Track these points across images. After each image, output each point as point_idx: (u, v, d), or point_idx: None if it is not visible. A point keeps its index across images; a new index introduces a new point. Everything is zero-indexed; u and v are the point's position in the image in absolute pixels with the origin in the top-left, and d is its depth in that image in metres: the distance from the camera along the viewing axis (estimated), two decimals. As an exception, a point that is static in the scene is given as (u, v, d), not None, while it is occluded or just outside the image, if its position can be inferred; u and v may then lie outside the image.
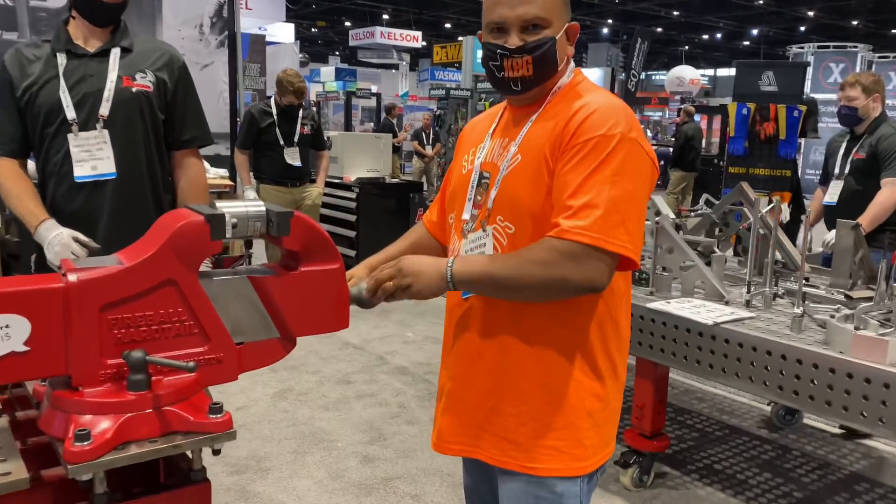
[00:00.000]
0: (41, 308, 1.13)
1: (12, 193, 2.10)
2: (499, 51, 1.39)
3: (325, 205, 6.61)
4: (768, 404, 3.64)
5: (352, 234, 6.03)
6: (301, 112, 5.03)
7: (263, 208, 1.31)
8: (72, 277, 1.15)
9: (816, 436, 3.46)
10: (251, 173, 5.01)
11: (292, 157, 4.99)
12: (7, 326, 1.10)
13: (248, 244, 1.41)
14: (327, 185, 5.41)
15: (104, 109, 2.09)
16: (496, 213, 1.42)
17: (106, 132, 2.10)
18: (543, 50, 1.36)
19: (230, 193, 4.77)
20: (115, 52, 2.13)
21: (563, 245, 1.28)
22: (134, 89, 2.14)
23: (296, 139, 4.99)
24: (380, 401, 3.80)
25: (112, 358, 1.18)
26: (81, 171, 2.09)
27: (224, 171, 5.01)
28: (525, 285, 1.31)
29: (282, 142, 4.94)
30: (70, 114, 2.07)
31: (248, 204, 1.30)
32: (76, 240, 1.99)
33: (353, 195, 6.05)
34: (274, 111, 4.96)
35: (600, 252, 1.27)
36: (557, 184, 1.33)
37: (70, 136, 2.08)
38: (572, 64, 1.47)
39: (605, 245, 1.27)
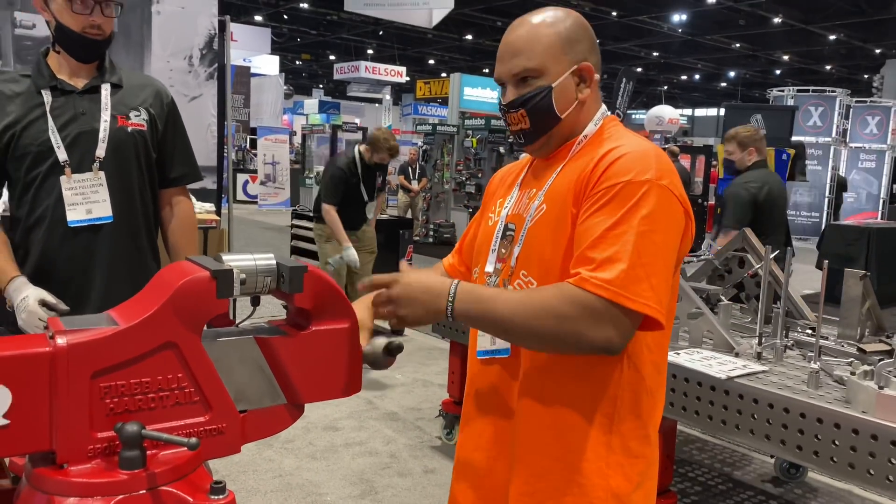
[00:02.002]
0: (25, 375, 1.00)
1: None
2: (500, 106, 1.36)
3: (311, 240, 6.47)
4: (771, 456, 3.54)
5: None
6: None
7: (274, 262, 1.20)
8: (61, 341, 1.02)
9: (823, 490, 3.37)
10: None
11: (371, 210, 5.02)
12: (-15, 397, 0.97)
13: (256, 301, 1.30)
14: (315, 220, 5.31)
15: (100, 150, 1.97)
16: (520, 269, 1.32)
17: (102, 174, 1.97)
18: (535, 102, 1.29)
19: (216, 228, 4.64)
20: (106, 89, 2.01)
21: (582, 297, 1.16)
22: (129, 129, 2.02)
23: (376, 194, 5.03)
24: (369, 450, 3.64)
25: (102, 431, 1.05)
26: (75, 216, 1.95)
27: (210, 206, 4.88)
28: (534, 335, 1.19)
29: (366, 198, 4.91)
30: (62, 155, 1.94)
31: (258, 257, 1.19)
32: (44, 303, 1.83)
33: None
34: (359, 167, 4.84)
35: (621, 309, 1.15)
36: (578, 231, 1.23)
37: (63, 179, 1.94)
38: (602, 109, 1.37)
39: (626, 302, 1.15)
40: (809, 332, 2.79)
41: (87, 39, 1.94)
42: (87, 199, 1.96)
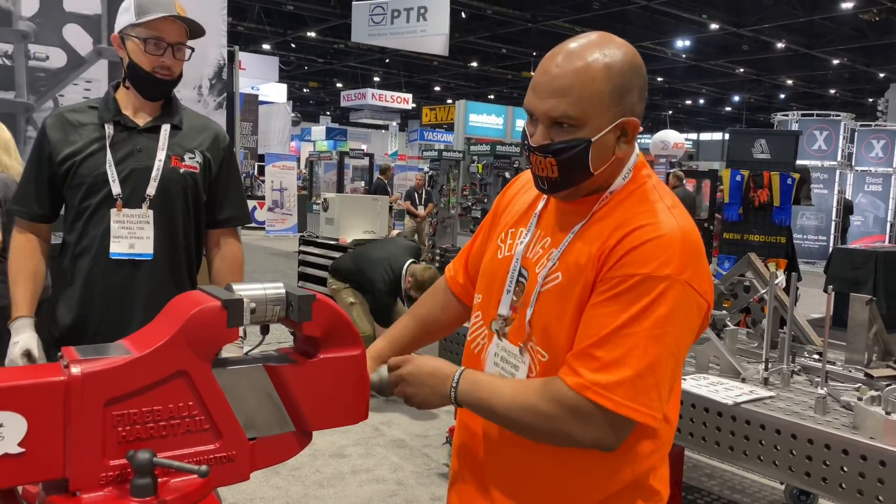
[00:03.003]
0: (40, 404, 1.02)
1: (11, 271, 2.03)
2: (525, 142, 1.21)
3: (318, 266, 6.51)
4: (781, 483, 3.51)
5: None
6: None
7: (283, 291, 1.22)
8: (75, 370, 1.04)
9: (833, 517, 3.33)
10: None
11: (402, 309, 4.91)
12: (1, 426, 0.99)
13: (265, 329, 1.33)
14: (323, 246, 5.35)
15: (151, 189, 2.02)
16: (532, 334, 1.24)
17: (151, 212, 2.02)
18: (570, 154, 1.15)
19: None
20: (166, 129, 2.06)
21: (574, 401, 1.11)
22: (181, 170, 2.06)
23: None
24: (376, 477, 3.63)
25: (115, 458, 1.07)
26: (118, 248, 2.00)
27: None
28: (526, 431, 1.20)
29: (403, 304, 4.93)
30: (115, 189, 1.99)
31: (267, 287, 1.21)
32: (28, 355, 1.90)
33: (348, 257, 5.96)
34: (402, 290, 4.80)
35: (620, 418, 1.10)
36: (586, 317, 1.15)
37: (112, 212, 1.99)
38: (632, 161, 1.23)
39: (627, 413, 1.10)
40: (816, 357, 2.79)
41: (155, 79, 2.01)
42: (132, 234, 2.00)
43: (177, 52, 2.02)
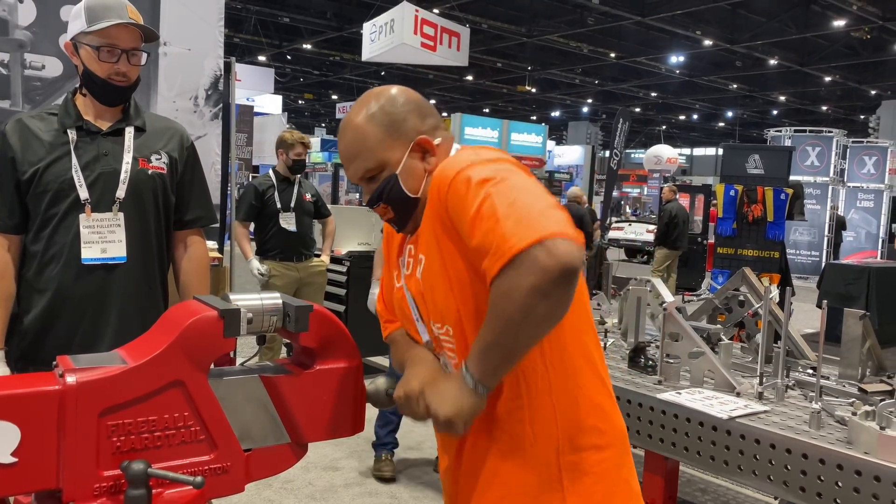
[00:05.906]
0: (34, 414, 1.01)
1: None
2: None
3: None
4: (776, 498, 3.50)
5: (340, 308, 5.90)
6: (300, 179, 5.14)
7: (280, 301, 1.22)
8: (70, 379, 1.04)
9: (827, 533, 3.32)
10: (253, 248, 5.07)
11: (287, 221, 5.01)
12: (-6, 435, 0.99)
13: (261, 339, 1.32)
14: (318, 258, 5.33)
15: (121, 192, 2.00)
16: (434, 325, 1.34)
17: (121, 215, 2.00)
18: (389, 193, 1.33)
19: (218, 266, 4.66)
20: (130, 132, 2.05)
21: (507, 279, 1.10)
22: (150, 171, 2.05)
23: (292, 204, 5.02)
24: (370, 490, 3.61)
25: (109, 469, 1.06)
26: (90, 254, 1.97)
27: (213, 244, 4.91)
28: (521, 328, 1.13)
29: (279, 205, 4.98)
30: (83, 194, 1.96)
31: (264, 297, 1.22)
32: None
33: (344, 269, 5.96)
34: (274, 180, 5.04)
35: (531, 252, 1.07)
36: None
37: (82, 217, 1.96)
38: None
39: (529, 244, 1.07)
40: (810, 371, 2.79)
41: (111, 85, 1.99)
42: (103, 238, 1.98)
43: (132, 57, 1.99)
